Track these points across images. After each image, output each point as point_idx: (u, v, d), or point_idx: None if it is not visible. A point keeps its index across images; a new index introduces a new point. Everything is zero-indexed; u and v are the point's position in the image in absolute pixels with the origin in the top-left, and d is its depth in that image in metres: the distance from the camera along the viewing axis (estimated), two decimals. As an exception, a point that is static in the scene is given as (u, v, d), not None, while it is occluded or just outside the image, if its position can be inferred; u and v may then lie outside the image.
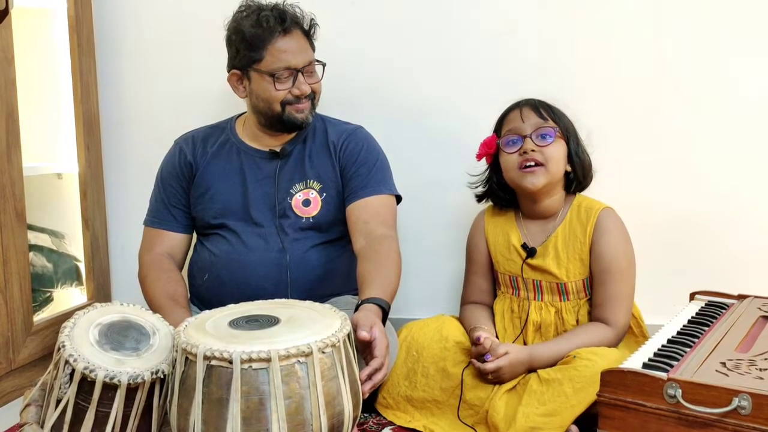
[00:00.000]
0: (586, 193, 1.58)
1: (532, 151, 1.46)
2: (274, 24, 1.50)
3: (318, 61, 1.58)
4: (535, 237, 1.54)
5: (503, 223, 1.59)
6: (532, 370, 1.40)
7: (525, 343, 1.51)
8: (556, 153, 1.47)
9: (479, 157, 1.58)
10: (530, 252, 1.52)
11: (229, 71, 1.59)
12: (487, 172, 1.61)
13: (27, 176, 1.63)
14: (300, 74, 1.53)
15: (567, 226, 1.51)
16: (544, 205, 1.53)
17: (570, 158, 1.51)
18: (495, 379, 1.39)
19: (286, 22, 1.52)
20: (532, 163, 1.46)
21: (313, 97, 1.58)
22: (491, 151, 1.55)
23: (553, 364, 1.38)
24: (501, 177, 1.55)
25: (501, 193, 1.58)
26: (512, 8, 1.80)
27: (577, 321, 1.50)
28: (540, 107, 1.50)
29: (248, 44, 1.52)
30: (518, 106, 1.52)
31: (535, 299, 1.53)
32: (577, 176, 1.52)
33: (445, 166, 1.87)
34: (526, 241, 1.54)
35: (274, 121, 1.58)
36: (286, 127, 1.59)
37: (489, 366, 1.37)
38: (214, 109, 1.86)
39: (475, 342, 1.41)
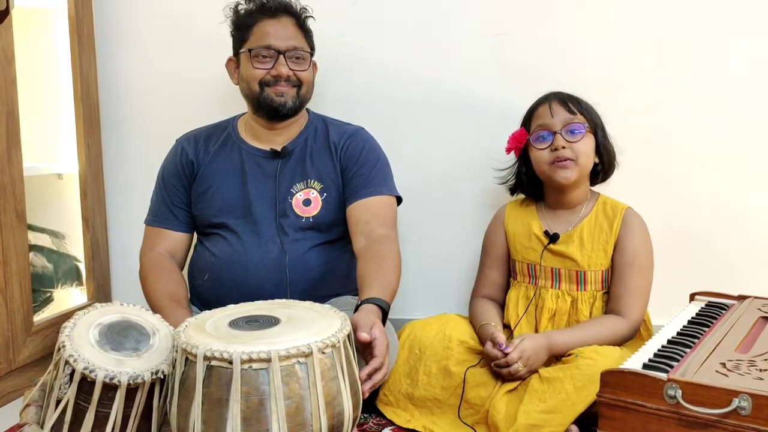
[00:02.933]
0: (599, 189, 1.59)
1: (563, 147, 1.48)
2: (260, 6, 1.58)
3: (306, 50, 1.59)
4: (557, 227, 1.57)
5: (524, 215, 1.62)
6: (550, 359, 1.41)
7: (536, 331, 1.53)
8: (585, 147, 1.50)
9: (508, 150, 1.61)
10: (553, 238, 1.54)
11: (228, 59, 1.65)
12: (516, 166, 1.64)
13: (27, 176, 1.63)
14: (282, 56, 1.55)
15: (593, 219, 1.54)
16: (570, 196, 1.56)
17: (598, 150, 1.54)
18: (526, 367, 1.37)
19: (273, 6, 1.58)
20: (563, 160, 1.49)
21: (299, 85, 1.59)
22: (521, 146, 1.58)
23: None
24: (530, 168, 1.58)
25: (530, 184, 1.61)
26: (512, 9, 1.80)
27: (591, 314, 1.51)
28: (568, 101, 1.52)
29: (238, 27, 1.59)
30: (547, 100, 1.54)
31: (552, 287, 1.55)
32: (604, 167, 1.56)
33: (445, 165, 1.87)
34: (548, 229, 1.56)
35: (255, 105, 1.60)
36: (268, 112, 1.59)
37: (513, 355, 1.36)
38: (216, 108, 1.86)
39: (494, 341, 1.40)
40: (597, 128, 1.53)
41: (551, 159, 1.50)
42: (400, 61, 1.86)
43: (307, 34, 1.62)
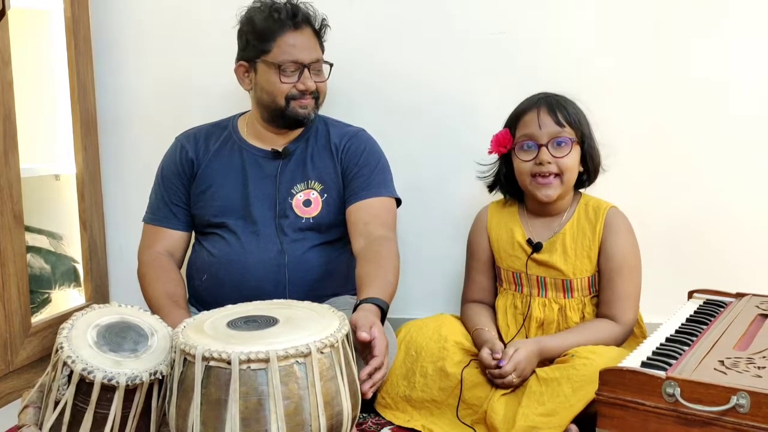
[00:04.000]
0: (589, 191, 1.58)
1: (549, 163, 1.45)
2: (285, 18, 1.53)
3: (326, 61, 1.59)
4: (540, 233, 1.54)
5: (507, 220, 1.59)
6: (542, 362, 1.40)
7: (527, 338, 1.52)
8: (571, 162, 1.47)
9: (491, 152, 1.57)
10: (536, 247, 1.52)
11: (237, 62, 1.60)
12: (496, 165, 1.60)
13: (24, 178, 1.63)
14: (306, 70, 1.54)
15: (575, 223, 1.52)
16: (552, 206, 1.53)
17: (583, 159, 1.51)
18: (520, 377, 1.37)
19: (298, 17, 1.54)
20: (546, 174, 1.46)
21: (317, 96, 1.59)
22: (504, 150, 1.54)
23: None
24: (511, 171, 1.55)
25: (509, 186, 1.58)
26: (511, 8, 1.80)
27: (582, 318, 1.50)
28: (557, 110, 1.47)
29: (258, 35, 1.54)
30: (535, 106, 1.49)
31: (539, 295, 1.53)
32: (589, 175, 1.53)
33: (444, 166, 1.87)
34: (530, 236, 1.54)
35: (276, 115, 1.58)
36: (288, 123, 1.59)
37: (508, 368, 1.36)
38: (213, 109, 1.85)
39: (493, 350, 1.40)
40: (584, 137, 1.49)
41: (534, 171, 1.47)
42: (398, 61, 1.86)
43: (322, 42, 1.61)
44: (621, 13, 1.76)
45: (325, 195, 1.60)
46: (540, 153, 1.46)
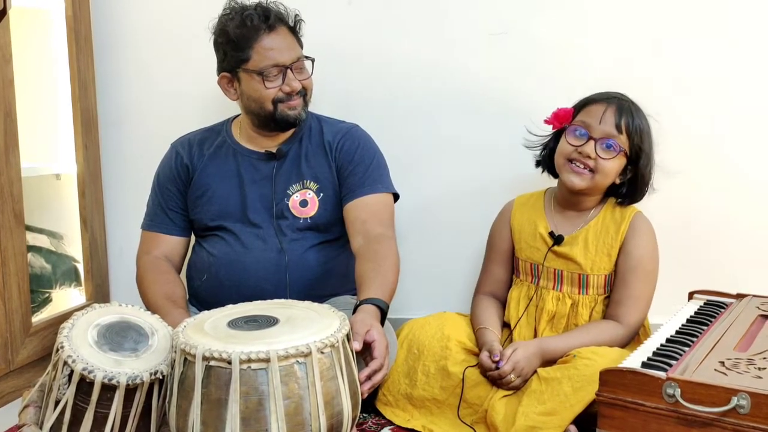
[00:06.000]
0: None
1: (589, 157, 1.45)
2: (258, 22, 1.51)
3: (307, 57, 1.58)
4: (563, 228, 1.55)
5: (531, 212, 1.60)
6: (545, 363, 1.41)
7: (536, 332, 1.53)
8: (609, 167, 1.45)
9: (547, 122, 1.55)
10: (557, 239, 1.52)
11: (219, 74, 1.59)
12: (549, 138, 1.58)
13: (25, 177, 1.63)
14: (289, 71, 1.53)
15: (600, 221, 1.52)
16: (579, 199, 1.53)
17: (624, 173, 1.49)
18: (519, 377, 1.37)
19: (270, 19, 1.52)
20: (582, 166, 1.46)
21: (304, 93, 1.58)
22: (559, 126, 1.53)
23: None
24: (555, 149, 1.54)
25: (549, 162, 1.57)
26: (509, 8, 1.79)
27: (590, 317, 1.51)
28: (624, 115, 1.46)
29: (234, 45, 1.52)
30: (606, 101, 1.48)
31: (553, 289, 1.53)
32: (629, 192, 1.51)
33: (444, 165, 1.87)
34: (553, 229, 1.55)
35: (267, 120, 1.57)
36: (280, 126, 1.59)
37: (506, 368, 1.37)
38: (212, 108, 1.85)
39: (491, 351, 1.41)
40: (640, 153, 1.47)
41: (572, 157, 1.46)
42: (398, 60, 1.85)
43: (299, 38, 1.60)
44: (623, 13, 1.75)
45: (321, 194, 1.60)
46: (586, 145, 1.45)
